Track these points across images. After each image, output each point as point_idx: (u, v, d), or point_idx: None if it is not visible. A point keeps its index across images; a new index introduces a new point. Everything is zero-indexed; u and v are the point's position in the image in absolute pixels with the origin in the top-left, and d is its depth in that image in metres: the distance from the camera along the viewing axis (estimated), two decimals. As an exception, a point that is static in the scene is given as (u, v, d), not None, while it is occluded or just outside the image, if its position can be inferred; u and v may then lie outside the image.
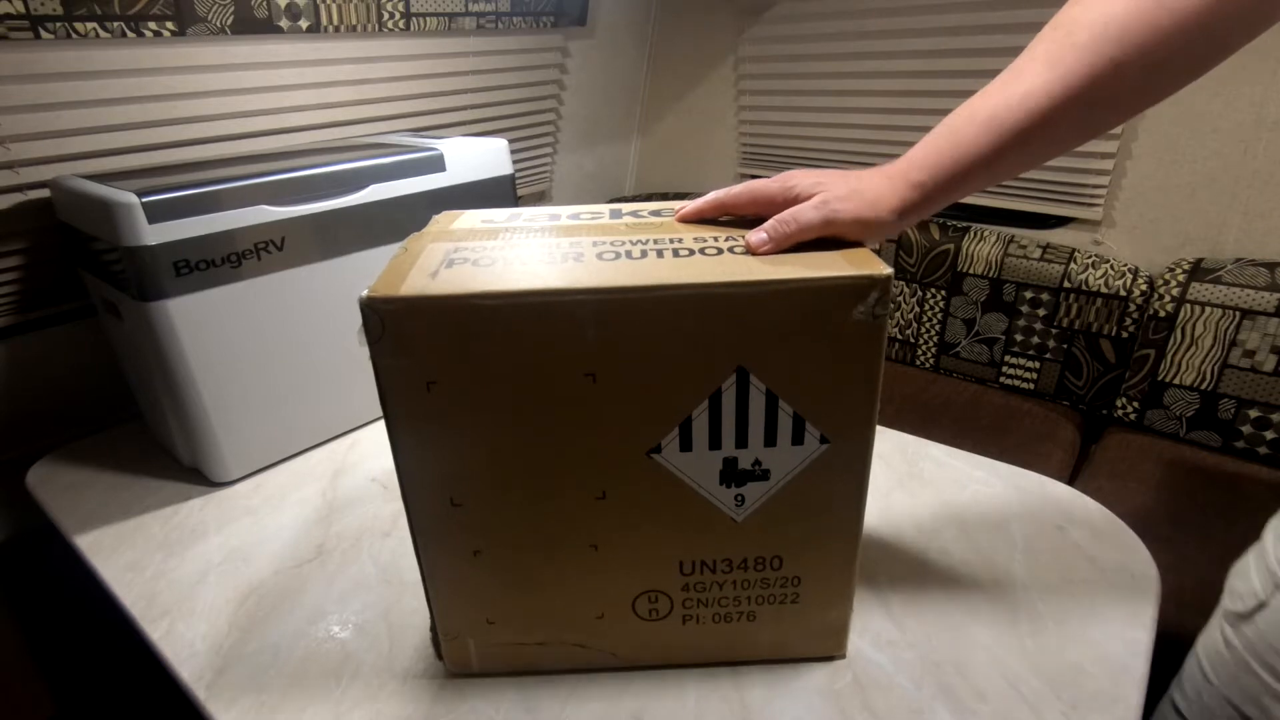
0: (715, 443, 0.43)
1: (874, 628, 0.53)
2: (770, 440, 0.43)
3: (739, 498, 0.44)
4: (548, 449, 0.43)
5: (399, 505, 0.69)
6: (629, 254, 0.41)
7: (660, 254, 0.41)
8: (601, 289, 0.38)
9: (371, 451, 0.78)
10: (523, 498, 0.44)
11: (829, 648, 0.51)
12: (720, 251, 0.42)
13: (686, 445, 0.43)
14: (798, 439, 0.43)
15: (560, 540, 0.46)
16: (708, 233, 0.45)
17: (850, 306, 0.39)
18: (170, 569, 0.62)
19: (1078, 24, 0.41)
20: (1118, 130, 1.15)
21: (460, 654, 0.50)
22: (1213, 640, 0.54)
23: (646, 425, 0.42)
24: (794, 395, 0.42)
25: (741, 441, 0.43)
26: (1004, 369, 1.33)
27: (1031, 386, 1.31)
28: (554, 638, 0.50)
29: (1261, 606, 0.50)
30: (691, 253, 0.42)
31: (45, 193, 0.75)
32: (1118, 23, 0.40)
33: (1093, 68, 0.40)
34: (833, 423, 0.43)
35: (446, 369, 0.41)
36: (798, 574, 0.47)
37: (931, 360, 1.40)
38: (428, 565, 0.47)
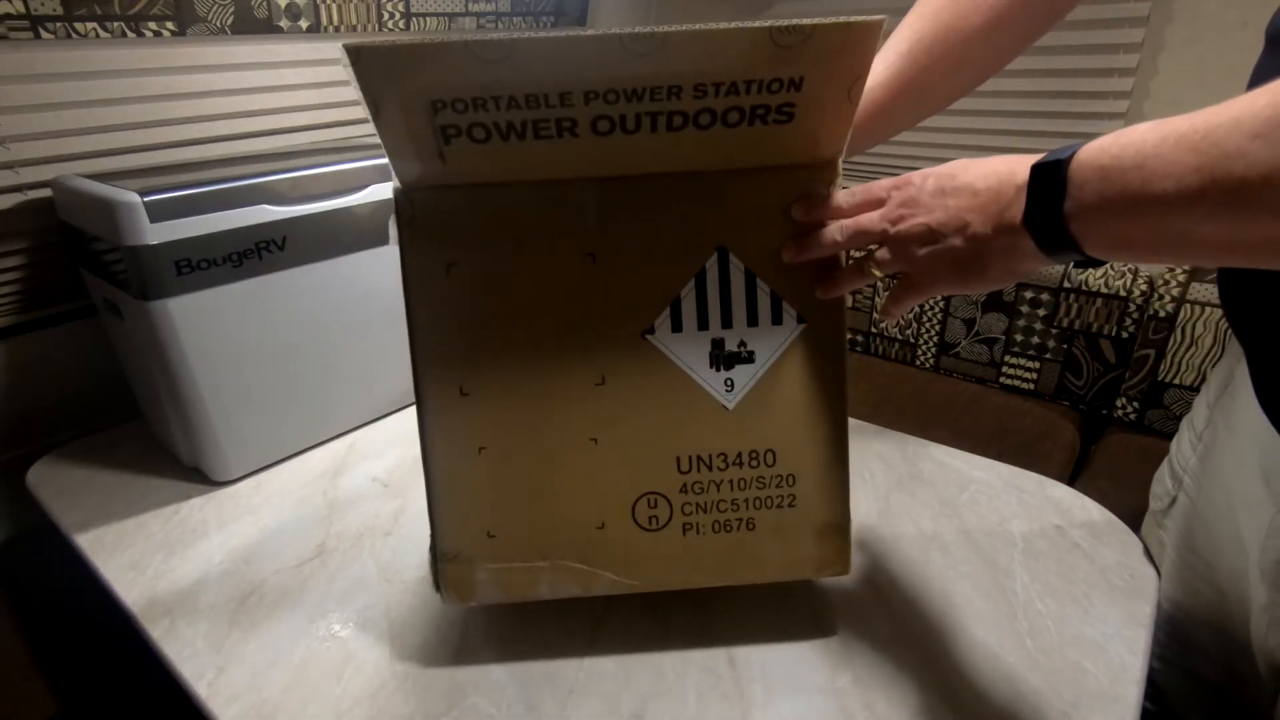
0: (703, 323, 0.47)
1: (874, 627, 0.53)
2: (752, 320, 0.47)
3: (729, 382, 0.48)
4: (552, 331, 0.47)
5: (399, 504, 0.69)
6: (624, 124, 0.42)
7: (654, 125, 0.42)
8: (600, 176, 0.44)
9: (371, 451, 0.79)
10: (528, 384, 0.47)
11: (831, 565, 0.52)
12: (714, 120, 0.42)
13: (677, 326, 0.47)
14: (777, 318, 0.47)
15: (562, 431, 0.48)
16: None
17: (811, 187, 0.46)
18: (171, 568, 0.62)
19: (904, 37, 0.54)
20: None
21: (460, 578, 0.50)
22: (1148, 541, 0.63)
23: (641, 305, 0.47)
24: (770, 274, 0.47)
25: (727, 321, 0.47)
26: (1004, 369, 1.33)
27: (1031, 386, 1.31)
28: (554, 554, 0.50)
29: (1174, 502, 0.60)
30: (685, 121, 0.42)
31: (46, 192, 0.75)
32: (927, 37, 0.53)
33: (910, 71, 0.53)
34: (807, 301, 0.47)
35: (464, 250, 0.45)
36: (792, 471, 0.49)
37: (931, 360, 1.40)
38: (433, 468, 0.48)
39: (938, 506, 0.67)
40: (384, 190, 0.76)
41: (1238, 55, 1.03)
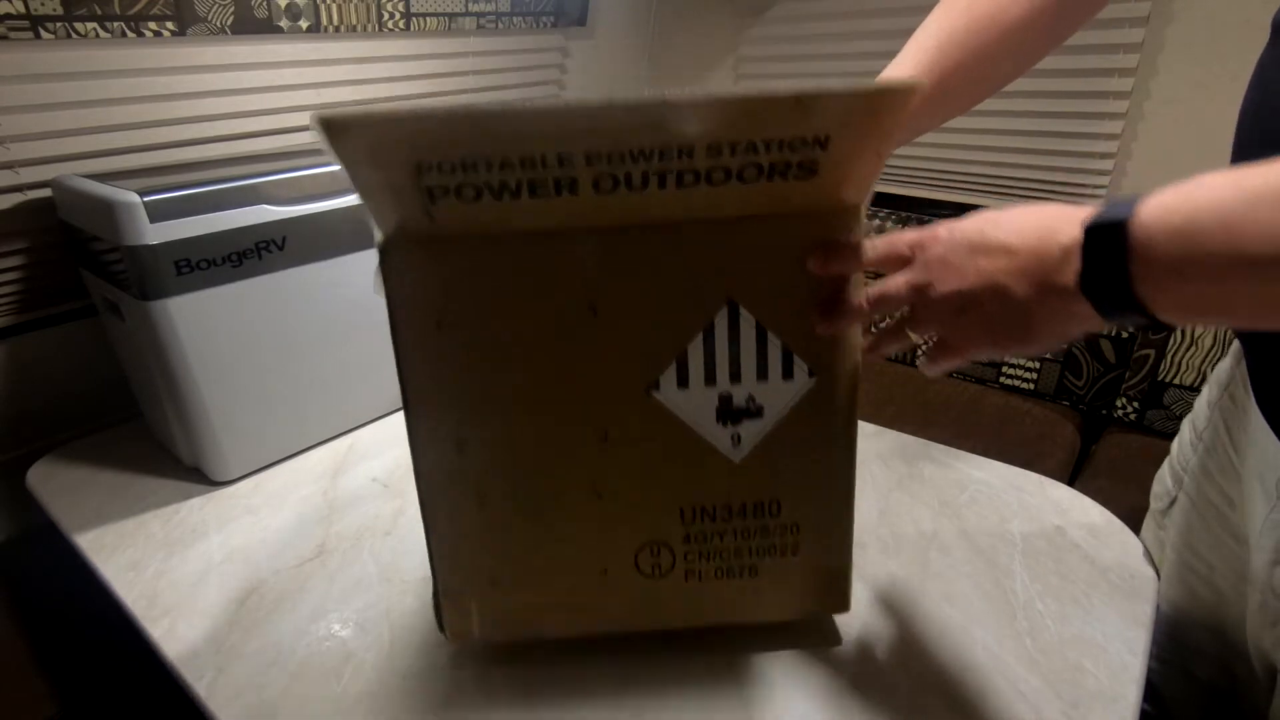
0: (710, 377, 0.44)
1: (874, 628, 0.53)
2: (762, 374, 0.44)
3: (736, 437, 0.46)
4: (552, 386, 0.44)
5: (400, 504, 0.69)
6: (629, 182, 0.38)
7: (663, 183, 0.38)
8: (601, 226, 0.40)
9: (371, 451, 0.79)
10: (527, 441, 0.45)
11: (832, 604, 0.51)
12: (729, 177, 0.38)
13: (683, 381, 0.44)
14: (787, 373, 0.44)
15: (564, 486, 0.46)
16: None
17: (830, 235, 0.42)
18: (171, 568, 0.62)
19: (935, 32, 0.51)
20: (1117, 130, 1.16)
21: (462, 620, 0.50)
22: (1148, 541, 0.63)
23: (645, 360, 0.44)
24: (781, 327, 0.44)
25: (735, 376, 0.44)
26: (1004, 369, 1.33)
27: (1031, 386, 1.31)
28: (556, 599, 0.50)
29: (1173, 502, 0.60)
30: (697, 179, 0.38)
31: (46, 192, 0.75)
32: (960, 32, 0.50)
33: (944, 67, 0.50)
34: (819, 355, 0.44)
35: (456, 305, 0.42)
36: (796, 521, 0.48)
37: (931, 360, 1.40)
38: (432, 518, 0.47)
39: (938, 506, 0.67)
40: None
41: (1238, 55, 1.03)
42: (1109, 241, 0.32)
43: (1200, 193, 0.30)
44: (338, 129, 0.34)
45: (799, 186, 0.39)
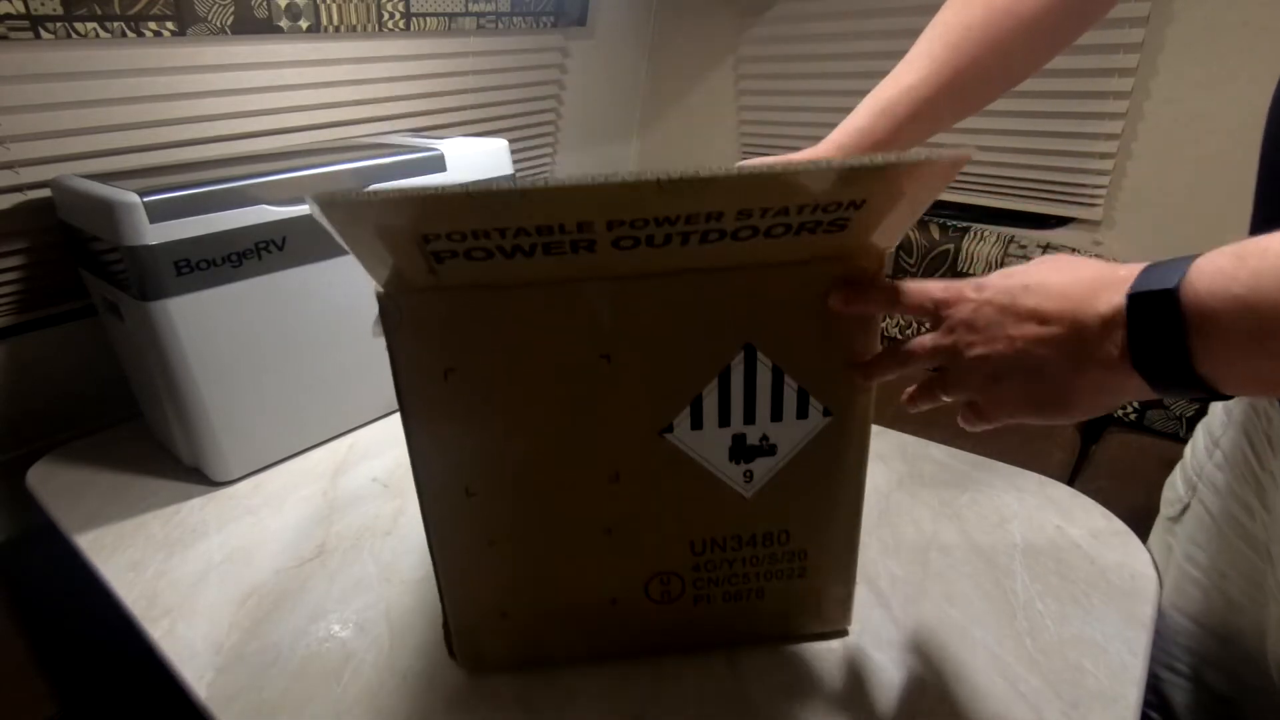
0: (725, 420, 0.44)
1: (874, 628, 0.53)
2: (777, 415, 0.44)
3: (748, 473, 0.46)
4: (563, 432, 0.44)
5: (399, 504, 0.69)
6: (650, 241, 0.37)
7: (685, 241, 0.37)
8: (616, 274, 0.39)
9: (371, 451, 0.79)
10: (538, 483, 0.45)
11: (834, 622, 0.52)
12: (755, 234, 0.37)
13: (697, 423, 0.44)
14: (802, 413, 0.44)
15: (574, 525, 0.46)
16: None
17: (851, 274, 0.41)
18: (171, 568, 0.62)
19: (949, 27, 0.50)
20: (1117, 130, 1.15)
21: (472, 648, 0.50)
22: (1155, 548, 0.62)
23: (659, 405, 0.43)
24: (798, 370, 0.43)
25: (750, 417, 0.44)
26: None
27: (1031, 386, 1.31)
28: (566, 627, 0.50)
29: (1185, 509, 0.59)
30: (722, 236, 0.37)
31: (46, 192, 0.75)
32: (977, 27, 0.49)
33: (959, 64, 0.49)
34: (835, 395, 0.44)
35: (464, 356, 0.41)
36: (804, 548, 0.48)
37: (931, 360, 1.40)
38: (441, 558, 0.47)
39: (938, 506, 0.67)
40: (385, 189, 0.76)
41: (1238, 55, 1.03)
42: (1159, 313, 0.29)
43: (1255, 256, 0.27)
44: (337, 211, 0.33)
45: (827, 239, 0.38)
